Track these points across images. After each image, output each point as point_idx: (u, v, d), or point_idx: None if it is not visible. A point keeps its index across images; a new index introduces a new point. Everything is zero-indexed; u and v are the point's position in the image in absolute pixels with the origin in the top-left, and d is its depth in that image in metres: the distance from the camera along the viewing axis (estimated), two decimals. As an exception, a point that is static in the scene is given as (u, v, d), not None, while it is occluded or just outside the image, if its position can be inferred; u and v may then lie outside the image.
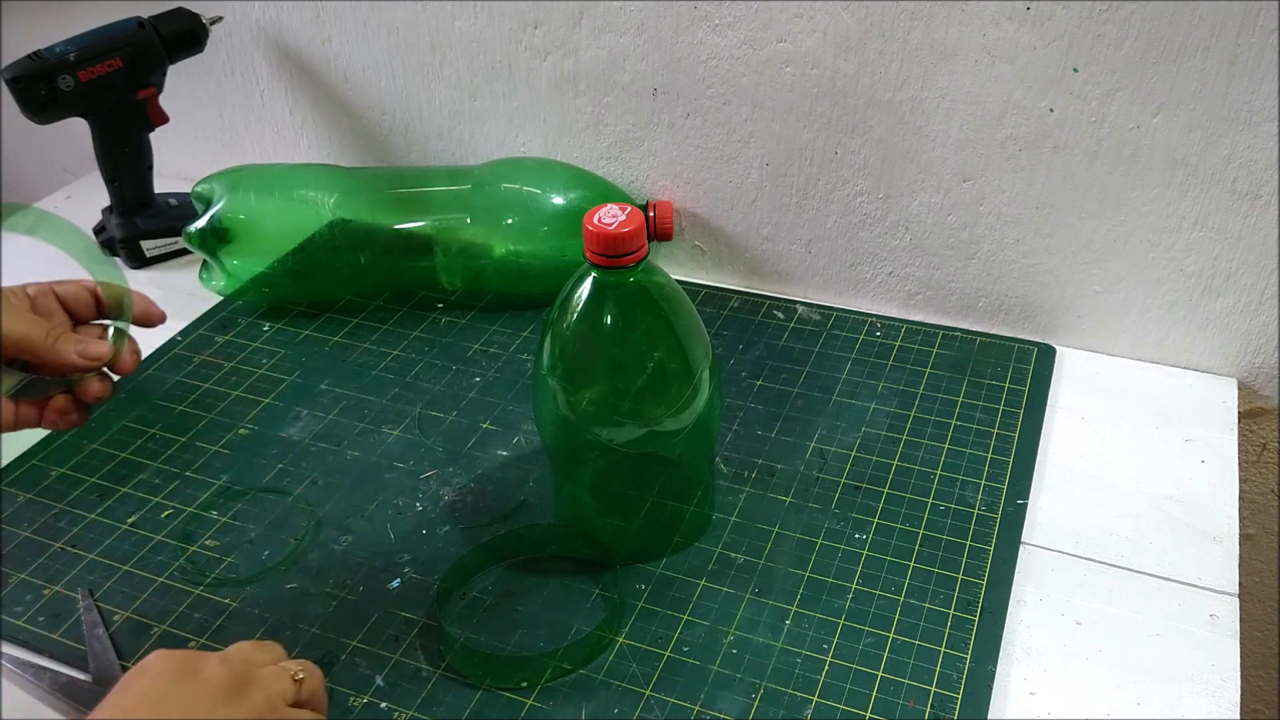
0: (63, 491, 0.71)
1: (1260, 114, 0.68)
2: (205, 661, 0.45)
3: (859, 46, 0.75)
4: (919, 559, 0.64)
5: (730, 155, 0.84)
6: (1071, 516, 0.67)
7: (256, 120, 1.04)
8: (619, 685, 0.57)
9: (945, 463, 0.71)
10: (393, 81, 0.94)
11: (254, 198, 0.84)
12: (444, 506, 0.69)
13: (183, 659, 0.45)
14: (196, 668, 0.45)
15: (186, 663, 0.45)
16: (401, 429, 0.76)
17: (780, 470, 0.71)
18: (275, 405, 0.79)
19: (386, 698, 0.57)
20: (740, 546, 0.65)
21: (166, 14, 0.90)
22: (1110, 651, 0.58)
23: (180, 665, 0.45)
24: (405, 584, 0.64)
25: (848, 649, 0.59)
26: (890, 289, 0.85)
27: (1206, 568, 0.63)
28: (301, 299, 0.89)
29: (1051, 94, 0.72)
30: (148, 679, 0.44)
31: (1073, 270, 0.78)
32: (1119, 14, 0.68)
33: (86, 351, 0.56)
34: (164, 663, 0.45)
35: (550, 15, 0.84)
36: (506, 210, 0.84)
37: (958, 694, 0.56)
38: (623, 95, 0.85)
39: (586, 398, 0.59)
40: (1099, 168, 0.73)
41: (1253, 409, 0.79)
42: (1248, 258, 0.73)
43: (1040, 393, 0.76)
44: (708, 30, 0.79)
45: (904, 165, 0.79)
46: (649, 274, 0.57)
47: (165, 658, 0.45)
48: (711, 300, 0.88)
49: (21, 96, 0.84)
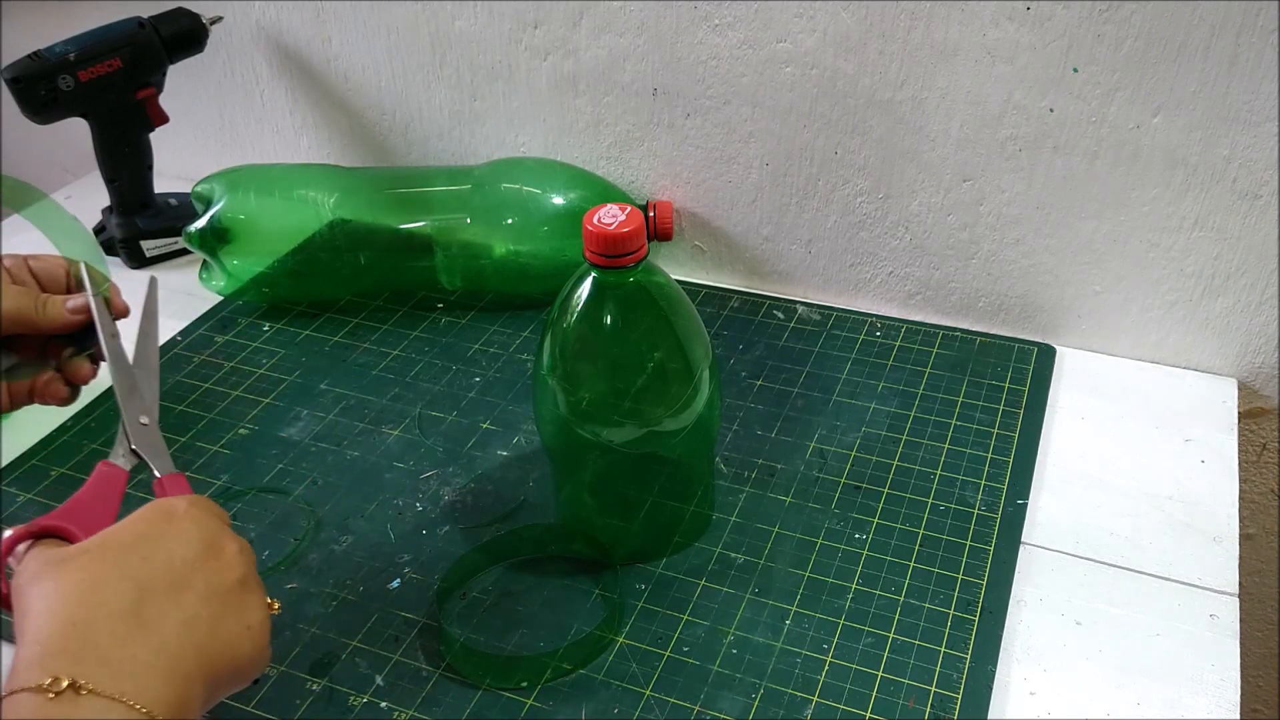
0: (63, 492, 0.71)
1: (1260, 114, 0.68)
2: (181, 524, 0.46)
3: (859, 46, 0.75)
4: (919, 559, 0.64)
5: (730, 155, 0.84)
6: (1071, 516, 0.67)
7: (256, 120, 1.04)
8: (619, 685, 0.57)
9: (945, 463, 0.71)
10: (393, 81, 0.94)
11: (254, 198, 0.84)
12: (444, 506, 0.69)
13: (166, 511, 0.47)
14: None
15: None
16: (401, 429, 0.76)
17: (780, 470, 0.71)
18: (275, 405, 0.79)
19: (386, 698, 0.57)
20: (740, 546, 0.65)
21: (166, 14, 0.90)
22: (1110, 651, 0.58)
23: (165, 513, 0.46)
24: (405, 584, 0.64)
25: (848, 649, 0.59)
26: (890, 289, 0.85)
27: (1206, 568, 0.63)
28: (301, 299, 0.89)
29: (1051, 94, 0.72)
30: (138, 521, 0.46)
31: (1073, 270, 0.78)
32: (1119, 14, 0.68)
33: (77, 305, 0.55)
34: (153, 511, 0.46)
35: (550, 15, 0.84)
36: (506, 210, 0.84)
37: (958, 694, 0.56)
38: (623, 95, 0.85)
39: (586, 398, 0.59)
40: (1099, 168, 0.73)
41: (1253, 409, 0.79)
42: (1248, 258, 0.73)
43: (1040, 393, 0.76)
44: (708, 30, 0.79)
45: (904, 165, 0.79)
46: (649, 274, 0.57)
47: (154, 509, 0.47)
48: (711, 300, 0.88)
49: (21, 96, 0.84)
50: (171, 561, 0.44)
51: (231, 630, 0.44)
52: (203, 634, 0.43)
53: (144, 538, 0.44)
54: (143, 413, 0.54)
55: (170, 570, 0.43)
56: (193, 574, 0.44)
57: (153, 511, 0.46)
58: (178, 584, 0.43)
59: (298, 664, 0.59)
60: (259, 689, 0.58)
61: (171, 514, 0.46)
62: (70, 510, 0.47)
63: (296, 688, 0.58)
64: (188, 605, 0.43)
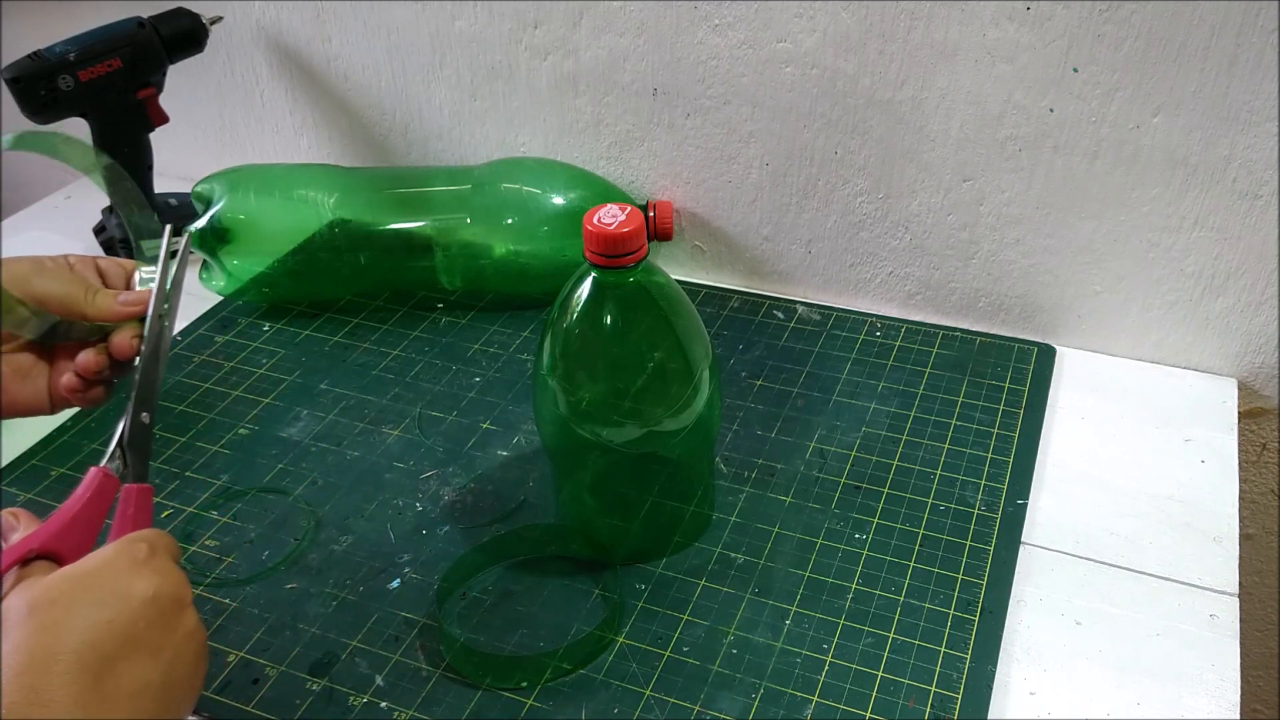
0: (63, 491, 0.71)
1: (1260, 114, 0.68)
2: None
3: (859, 46, 0.75)
4: (919, 559, 0.64)
5: (730, 155, 0.84)
6: (1071, 516, 0.67)
7: (256, 120, 1.04)
8: (619, 685, 0.57)
9: (945, 463, 0.71)
10: (393, 81, 0.94)
11: (254, 198, 0.84)
12: (444, 506, 0.69)
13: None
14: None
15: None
16: (401, 429, 0.76)
17: (780, 470, 0.71)
18: (275, 405, 0.79)
19: (386, 697, 0.57)
20: (740, 546, 0.65)
21: (166, 14, 0.90)
22: (1110, 651, 0.58)
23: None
24: (405, 584, 0.64)
25: (848, 649, 0.59)
26: (890, 289, 0.85)
27: (1206, 568, 0.63)
28: (301, 299, 0.89)
29: (1051, 94, 0.72)
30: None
31: (1073, 270, 0.78)
32: (1119, 14, 0.68)
33: (128, 298, 0.56)
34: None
35: (550, 15, 0.84)
36: (506, 210, 0.84)
37: (958, 694, 0.56)
38: (623, 95, 0.85)
39: (586, 398, 0.59)
40: (1099, 168, 0.73)
41: (1253, 409, 0.79)
42: (1248, 258, 0.73)
43: (1040, 393, 0.76)
44: (708, 30, 0.79)
45: (904, 165, 0.79)
46: (649, 274, 0.57)
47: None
48: (711, 300, 0.88)
49: (21, 96, 0.84)
50: (133, 623, 0.44)
51: (179, 691, 0.45)
52: (153, 701, 0.43)
53: (108, 594, 0.44)
54: (146, 410, 0.54)
55: (130, 634, 0.43)
56: (150, 635, 0.44)
57: (120, 560, 0.46)
58: (135, 647, 0.43)
59: (298, 664, 0.59)
60: (259, 689, 0.58)
61: (135, 564, 0.46)
62: (63, 532, 0.48)
63: (296, 688, 0.58)
64: (143, 672, 0.43)
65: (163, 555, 0.48)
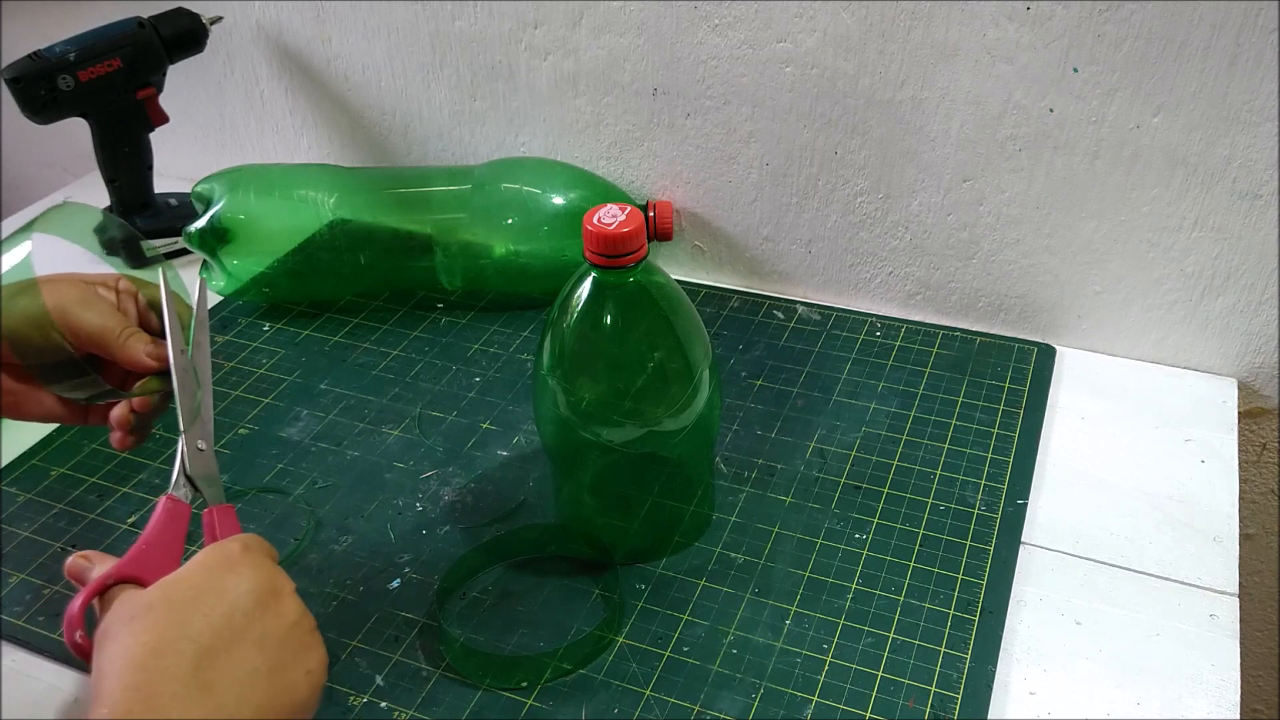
0: (63, 491, 0.71)
1: (1260, 114, 0.68)
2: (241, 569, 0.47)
3: (859, 46, 0.75)
4: (919, 559, 0.64)
5: (730, 155, 0.84)
6: (1071, 516, 0.67)
7: (256, 120, 1.04)
8: (619, 685, 0.57)
9: (945, 463, 0.71)
10: (393, 81, 0.94)
11: (254, 198, 0.84)
12: (444, 506, 0.69)
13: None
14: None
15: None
16: (401, 429, 0.76)
17: (780, 470, 0.71)
18: (275, 405, 0.79)
19: (386, 697, 0.57)
20: (740, 546, 0.65)
21: (166, 14, 0.90)
22: (1110, 651, 0.58)
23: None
24: (405, 584, 0.64)
25: (848, 649, 0.59)
26: (890, 289, 0.85)
27: (1206, 568, 0.63)
28: (301, 299, 0.89)
29: (1051, 94, 0.72)
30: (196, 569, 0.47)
31: (1073, 270, 0.78)
32: (1119, 14, 0.68)
33: (156, 353, 0.56)
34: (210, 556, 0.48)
35: (550, 15, 0.84)
36: (506, 210, 0.84)
37: (958, 694, 0.56)
38: (623, 95, 0.85)
39: (586, 398, 0.59)
40: (1099, 168, 0.73)
41: (1253, 409, 0.79)
42: (1248, 258, 0.73)
43: (1040, 393, 0.76)
44: (708, 30, 0.79)
45: (904, 165, 0.79)
46: (649, 274, 0.57)
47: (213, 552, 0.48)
48: (711, 300, 0.88)
49: (21, 96, 0.84)
50: (231, 615, 0.45)
51: (290, 677, 0.45)
52: (261, 690, 0.44)
53: (204, 591, 0.45)
54: (201, 437, 0.55)
55: (230, 625, 0.44)
56: (251, 625, 0.45)
57: (212, 559, 0.47)
58: (237, 637, 0.44)
59: (298, 664, 0.59)
60: (259, 689, 0.58)
61: (229, 561, 0.47)
62: (139, 557, 0.49)
63: (296, 688, 0.58)
64: (247, 660, 0.44)
65: (256, 551, 0.48)
